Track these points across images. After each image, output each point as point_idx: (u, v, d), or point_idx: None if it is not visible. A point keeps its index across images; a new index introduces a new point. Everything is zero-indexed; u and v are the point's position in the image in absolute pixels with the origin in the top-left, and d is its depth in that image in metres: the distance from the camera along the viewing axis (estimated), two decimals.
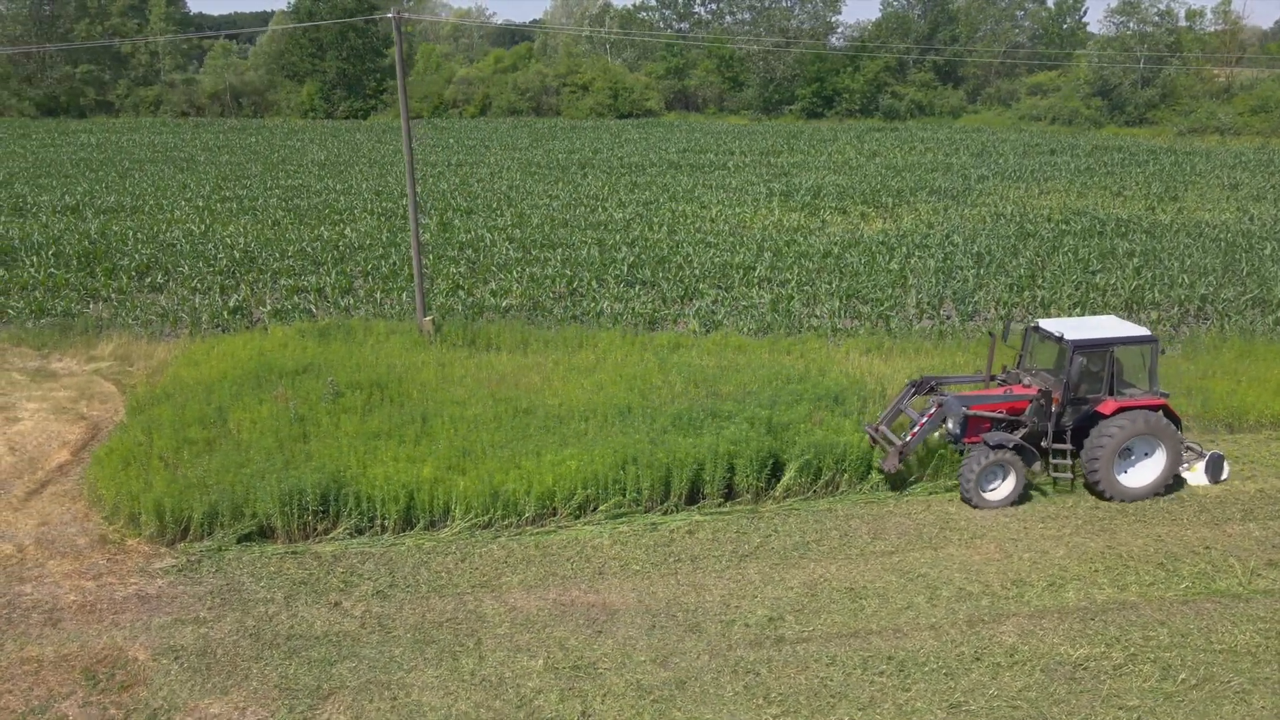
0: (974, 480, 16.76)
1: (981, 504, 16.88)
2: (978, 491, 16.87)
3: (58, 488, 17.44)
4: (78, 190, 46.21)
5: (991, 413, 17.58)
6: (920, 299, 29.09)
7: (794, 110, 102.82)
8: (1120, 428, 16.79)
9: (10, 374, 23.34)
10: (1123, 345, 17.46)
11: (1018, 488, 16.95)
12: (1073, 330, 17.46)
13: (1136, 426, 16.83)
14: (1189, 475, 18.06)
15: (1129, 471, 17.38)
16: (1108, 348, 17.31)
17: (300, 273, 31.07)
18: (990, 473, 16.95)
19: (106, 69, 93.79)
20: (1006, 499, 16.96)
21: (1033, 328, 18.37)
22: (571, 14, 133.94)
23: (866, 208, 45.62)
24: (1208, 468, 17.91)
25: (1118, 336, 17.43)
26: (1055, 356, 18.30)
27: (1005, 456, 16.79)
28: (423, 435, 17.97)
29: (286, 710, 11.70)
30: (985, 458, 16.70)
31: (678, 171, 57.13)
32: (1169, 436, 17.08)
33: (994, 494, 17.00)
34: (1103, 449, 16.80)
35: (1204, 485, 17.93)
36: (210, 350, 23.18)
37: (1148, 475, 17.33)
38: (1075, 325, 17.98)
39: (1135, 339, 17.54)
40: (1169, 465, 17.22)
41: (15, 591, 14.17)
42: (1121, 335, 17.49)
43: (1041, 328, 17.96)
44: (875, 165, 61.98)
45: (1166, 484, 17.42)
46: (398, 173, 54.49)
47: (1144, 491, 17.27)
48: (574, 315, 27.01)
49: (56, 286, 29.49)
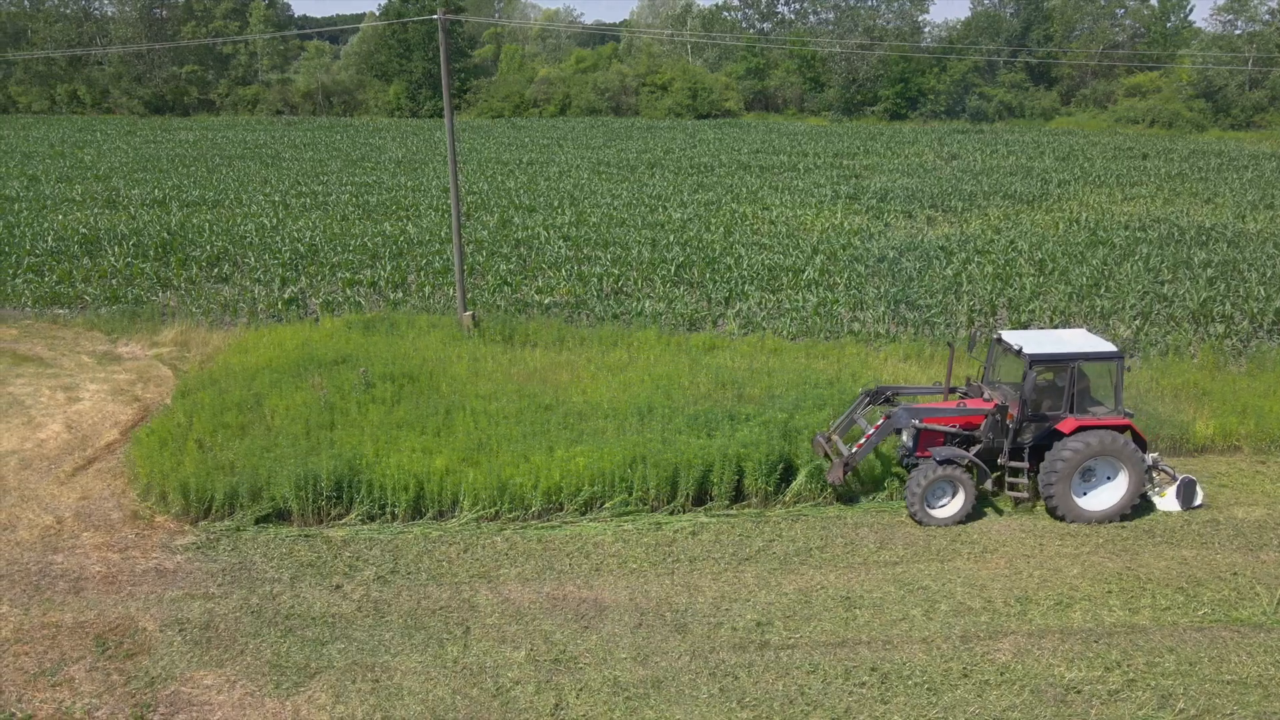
0: (919, 496, 16.16)
1: (927, 521, 16.26)
2: (923, 508, 16.25)
3: (103, 465, 18.47)
4: (167, 184, 48.63)
5: (944, 426, 16.96)
6: (971, 305, 28.33)
7: (876, 112, 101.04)
8: (1078, 448, 16.00)
9: (80, 356, 24.77)
10: (1085, 361, 16.61)
11: (966, 505, 16.27)
12: (1033, 343, 16.71)
13: (1095, 447, 16.01)
14: (1159, 500, 17.09)
15: (1090, 494, 16.56)
16: (1068, 363, 16.48)
17: (358, 266, 32.08)
18: (938, 489, 16.32)
19: (209, 69, 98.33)
20: (954, 517, 16.29)
21: (996, 339, 17.63)
22: (658, 14, 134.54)
23: (934, 211, 44.60)
24: (1179, 492, 16.94)
25: (1079, 351, 16.56)
26: (1017, 370, 17.52)
27: (953, 473, 16.13)
28: (443, 427, 18.40)
29: (273, 686, 12.19)
30: (932, 473, 16.10)
31: (746, 172, 56.82)
32: (1131, 459, 16.16)
33: (941, 511, 16.35)
34: (1059, 469, 16.05)
35: (1175, 510, 16.96)
36: (261, 339, 24.16)
37: (1109, 499, 16.48)
38: (1037, 338, 17.20)
39: (1099, 355, 16.64)
40: (1131, 489, 16.33)
41: (48, 560, 15.09)
42: (1083, 350, 16.62)
43: (1004, 339, 17.21)
44: (952, 168, 60.50)
45: (1129, 509, 16.50)
46: (469, 170, 55.65)
47: (1103, 515, 16.41)
48: (615, 314, 27.19)
49: (133, 275, 31.14)
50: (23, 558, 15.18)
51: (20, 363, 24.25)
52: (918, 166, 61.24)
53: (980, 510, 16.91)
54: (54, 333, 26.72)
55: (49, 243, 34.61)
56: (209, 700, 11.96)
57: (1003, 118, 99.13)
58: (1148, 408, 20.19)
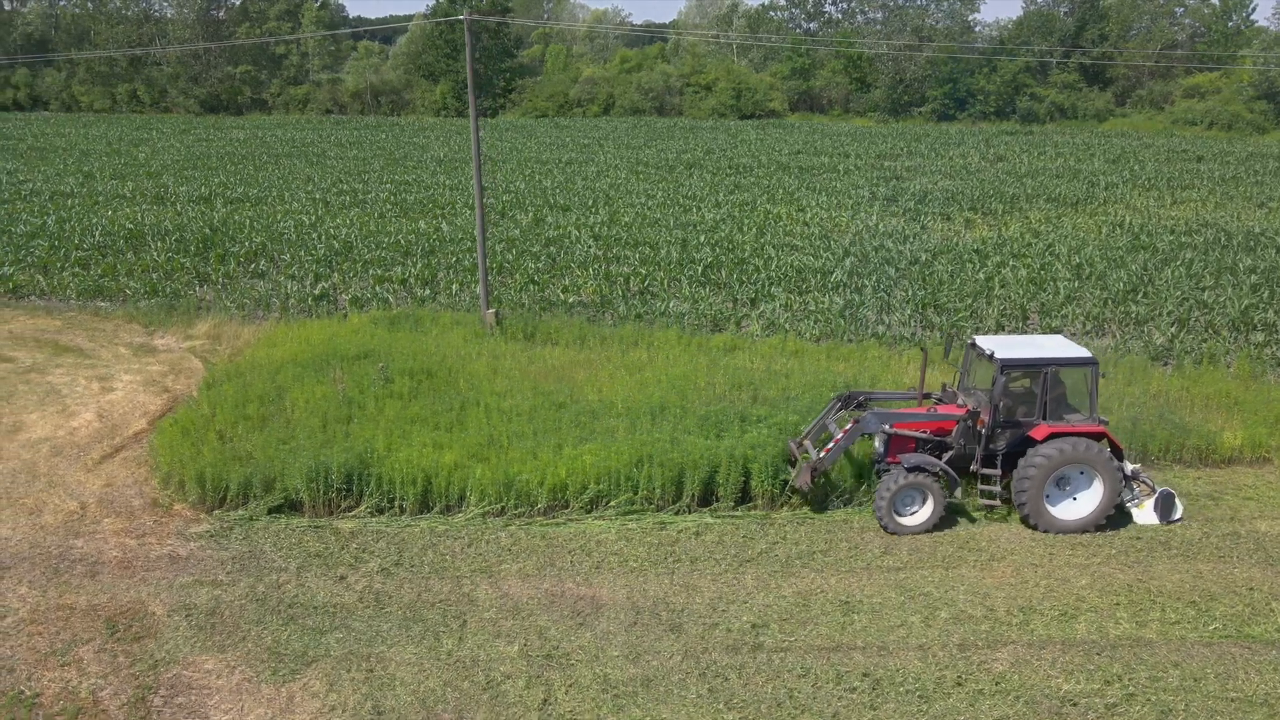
0: (887, 503, 15.89)
1: (896, 529, 15.99)
2: (891, 515, 15.97)
3: (129, 453, 19.03)
4: (214, 181, 49.84)
5: (915, 432, 16.69)
6: (1002, 310, 27.85)
7: (923, 112, 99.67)
8: (1050, 455, 15.68)
9: (117, 348, 25.53)
10: (1058, 366, 16.29)
11: (936, 513, 15.98)
12: (1005, 348, 16.43)
13: (1068, 455, 15.67)
14: (1137, 513, 16.62)
15: (1065, 503, 16.20)
16: (1041, 368, 16.17)
17: (389, 263, 32.57)
18: (907, 496, 16.04)
19: (263, 69, 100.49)
20: (923, 525, 16.00)
21: (970, 344, 17.32)
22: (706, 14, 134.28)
23: (973, 214, 43.93)
24: (1157, 505, 16.48)
25: (1052, 357, 16.27)
26: (990, 376, 17.11)
27: (922, 480, 15.84)
28: (456, 423, 18.63)
29: (270, 672, 12.47)
30: (900, 480, 15.84)
31: (785, 173, 56.49)
32: (1105, 467, 15.78)
33: (911, 519, 16.07)
34: (1031, 476, 15.72)
35: (1153, 524, 16.48)
36: (289, 333, 24.68)
37: (1084, 508, 16.10)
38: (1010, 343, 16.93)
39: (1071, 360, 16.31)
40: (1106, 498, 15.92)
41: (69, 544, 15.60)
42: (1056, 356, 16.32)
43: (977, 344, 16.91)
44: (997, 170, 59.51)
45: (1104, 519, 16.09)
46: (508, 169, 56.14)
47: (1077, 525, 16.04)
48: (638, 314, 27.25)
49: (173, 270, 31.98)
50: (45, 541, 15.71)
51: (61, 353, 25.07)
52: (961, 168, 60.33)
53: (971, 518, 16.64)
54: (95, 324, 27.57)
55: (96, 237, 35.71)
56: (208, 684, 12.27)
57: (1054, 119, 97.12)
58: (1173, 417, 19.69)
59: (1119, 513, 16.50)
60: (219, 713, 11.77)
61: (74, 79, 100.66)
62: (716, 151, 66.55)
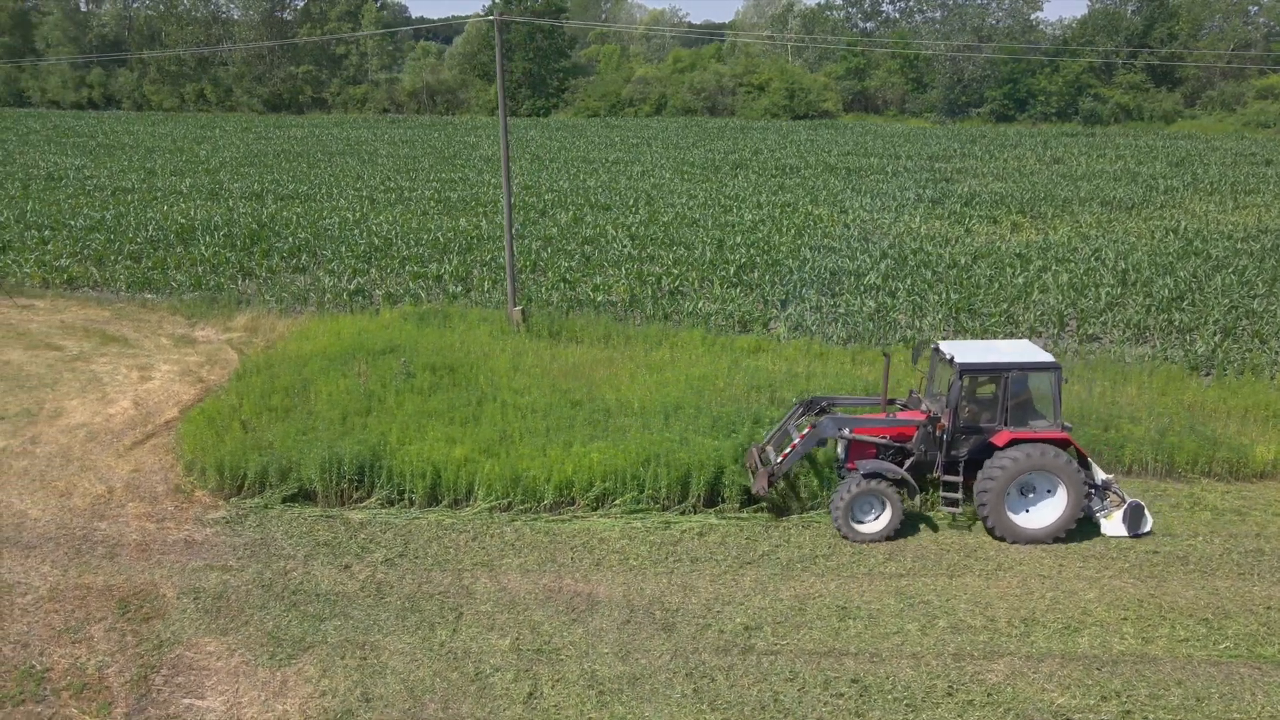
0: (843, 510, 15.62)
1: (853, 536, 15.71)
2: (848, 522, 15.71)
3: (159, 440, 19.67)
4: (267, 179, 51.16)
5: (874, 437, 16.38)
6: (1038, 315, 27.23)
7: (981, 113, 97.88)
8: (1010, 461, 15.31)
9: (160, 338, 26.39)
10: (1018, 371, 15.87)
11: (894, 521, 15.67)
12: (965, 352, 16.10)
13: (1030, 461, 15.30)
14: (1106, 524, 16.14)
15: (1030, 510, 15.82)
16: (1001, 373, 15.78)
17: (426, 260, 33.08)
18: (864, 503, 15.76)
19: (323, 69, 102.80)
20: (881, 533, 15.71)
21: (933, 348, 16.97)
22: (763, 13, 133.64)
23: (1021, 217, 43.03)
24: (1126, 516, 15.96)
25: (1012, 361, 15.86)
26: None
27: (878, 487, 15.55)
28: (471, 418, 18.87)
29: (268, 656, 12.80)
30: (856, 486, 15.57)
31: (832, 175, 55.97)
32: (1069, 475, 15.36)
33: (868, 526, 15.79)
34: (992, 483, 15.36)
35: (1121, 535, 16.04)
36: (321, 327, 25.23)
37: (1047, 516, 15.69)
38: (972, 348, 16.56)
39: (1033, 365, 15.89)
40: (1071, 506, 15.50)
41: (93, 526, 16.20)
42: (1017, 360, 15.91)
43: (939, 348, 16.59)
44: (1051, 172, 58.18)
45: (1069, 527, 15.68)
46: (554, 168, 56.56)
47: (1041, 534, 15.64)
48: (666, 314, 27.27)
49: (219, 264, 32.93)
50: (72, 523, 16.33)
51: (107, 342, 26.01)
52: (1015, 170, 59.15)
53: (934, 526, 16.35)
54: (141, 315, 28.53)
55: (149, 232, 36.94)
56: (208, 666, 12.65)
57: (1119, 120, 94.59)
58: (1204, 429, 19.07)
59: (1088, 523, 16.22)
60: (214, 694, 12.13)
61: (145, 79, 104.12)
62: (765, 152, 66.19)
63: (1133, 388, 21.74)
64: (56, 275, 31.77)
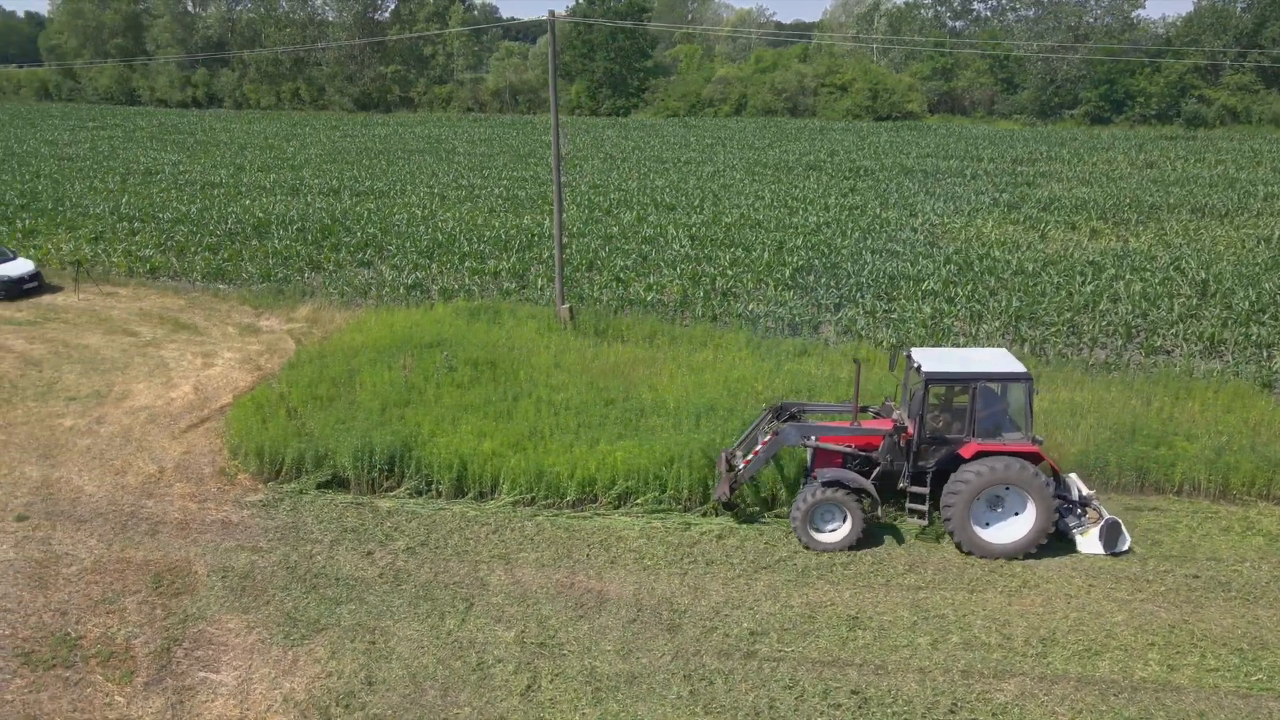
0: (801, 518, 15.35)
1: (813, 545, 15.42)
2: (806, 530, 15.44)
3: (212, 424, 20.53)
4: (346, 175, 52.75)
5: (839, 446, 15.99)
6: (1104, 326, 26.17)
7: (1075, 115, 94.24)
8: (975, 475, 14.80)
9: (227, 327, 27.52)
10: (987, 381, 15.34)
11: (855, 532, 15.32)
12: (934, 361, 15.62)
13: (996, 475, 14.77)
14: (1081, 540, 15.50)
15: (998, 525, 15.25)
16: (970, 383, 15.24)
17: (486, 256, 33.66)
18: (825, 512, 15.44)
19: (411, 69, 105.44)
20: (842, 543, 15.36)
21: (906, 355, 16.45)
22: (850, 12, 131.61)
23: (1101, 223, 41.35)
24: (1102, 534, 15.26)
25: (980, 371, 15.33)
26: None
27: (837, 496, 15.19)
28: (505, 413, 19.16)
29: (283, 636, 13.27)
30: (814, 495, 15.24)
31: (907, 177, 54.76)
32: (1037, 490, 14.78)
33: (829, 536, 15.48)
34: (957, 497, 14.86)
35: (1098, 553, 15.35)
36: (376, 320, 25.93)
37: (1016, 531, 15.11)
38: (942, 356, 16.07)
39: (1002, 375, 15.36)
40: (1040, 522, 14.92)
41: (140, 504, 17.03)
42: (986, 370, 15.37)
43: (911, 356, 16.07)
44: (1142, 177, 55.74)
45: (1039, 544, 15.07)
46: (625, 168, 56.81)
47: (1008, 550, 15.07)
48: (715, 315, 27.15)
49: (290, 256, 34.13)
50: (122, 500, 17.20)
51: (178, 330, 27.26)
52: (1103, 175, 56.84)
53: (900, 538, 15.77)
54: (213, 304, 29.80)
55: (228, 225, 38.52)
56: (226, 641, 13.19)
57: (1225, 123, 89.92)
58: (1266, 449, 18.01)
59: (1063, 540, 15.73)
60: (229, 668, 12.64)
61: (245, 79, 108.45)
62: (840, 154, 65.15)
63: (1195, 404, 20.70)
64: (141, 265, 33.40)
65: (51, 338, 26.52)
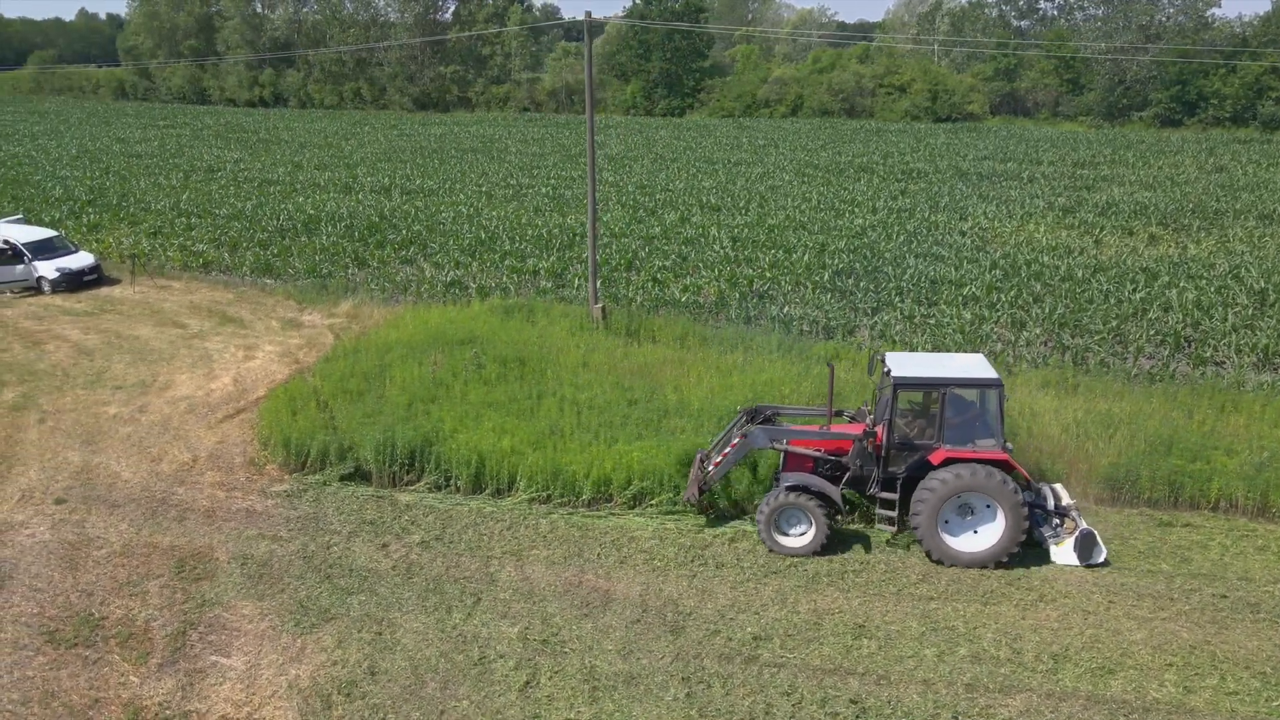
0: (765, 521, 15.24)
1: (777, 549, 15.32)
2: (770, 534, 15.35)
3: (247, 416, 21.08)
4: (398, 173, 53.68)
5: (809, 450, 15.79)
6: (1151, 335, 25.36)
7: (1144, 117, 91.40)
8: (941, 482, 14.53)
9: (270, 321, 28.23)
10: (956, 386, 15.01)
11: (820, 537, 15.15)
12: (905, 366, 15.37)
13: (962, 482, 14.48)
14: (1055, 551, 15.10)
15: (967, 533, 14.92)
16: (939, 388, 14.89)
17: (526, 255, 33.95)
18: (790, 515, 15.30)
19: (469, 69, 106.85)
20: (807, 548, 15.21)
21: (879, 359, 16.14)
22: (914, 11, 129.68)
23: (1161, 229, 40.04)
24: (1076, 545, 14.82)
25: (950, 377, 15.00)
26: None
27: (800, 500, 15.05)
28: (528, 411, 19.32)
29: (293, 623, 13.57)
30: (777, 498, 15.12)
31: (961, 180, 53.73)
32: (1005, 497, 14.45)
33: (793, 540, 15.37)
34: (923, 504, 14.61)
35: (1073, 564, 14.93)
36: (412, 316, 26.35)
37: (985, 540, 14.79)
38: (913, 361, 15.81)
39: (972, 381, 15.04)
40: (1009, 531, 14.60)
41: (171, 491, 17.58)
42: (955, 376, 15.04)
43: (884, 360, 15.81)
44: (1210, 182, 53.82)
45: (1009, 553, 14.73)
46: (675, 168, 56.78)
47: (977, 559, 14.77)
48: (749, 317, 27.00)
49: (336, 253, 34.86)
50: (155, 486, 17.77)
51: (225, 323, 28.04)
52: (1168, 178, 55.04)
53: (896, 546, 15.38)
54: (259, 299, 30.59)
55: (280, 221, 39.49)
56: (240, 627, 13.53)
57: None
58: None
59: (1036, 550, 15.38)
60: (239, 653, 12.97)
61: (310, 79, 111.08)
62: (895, 156, 64.21)
63: (1242, 417, 19.92)
64: (194, 259, 34.46)
65: (105, 328, 27.51)
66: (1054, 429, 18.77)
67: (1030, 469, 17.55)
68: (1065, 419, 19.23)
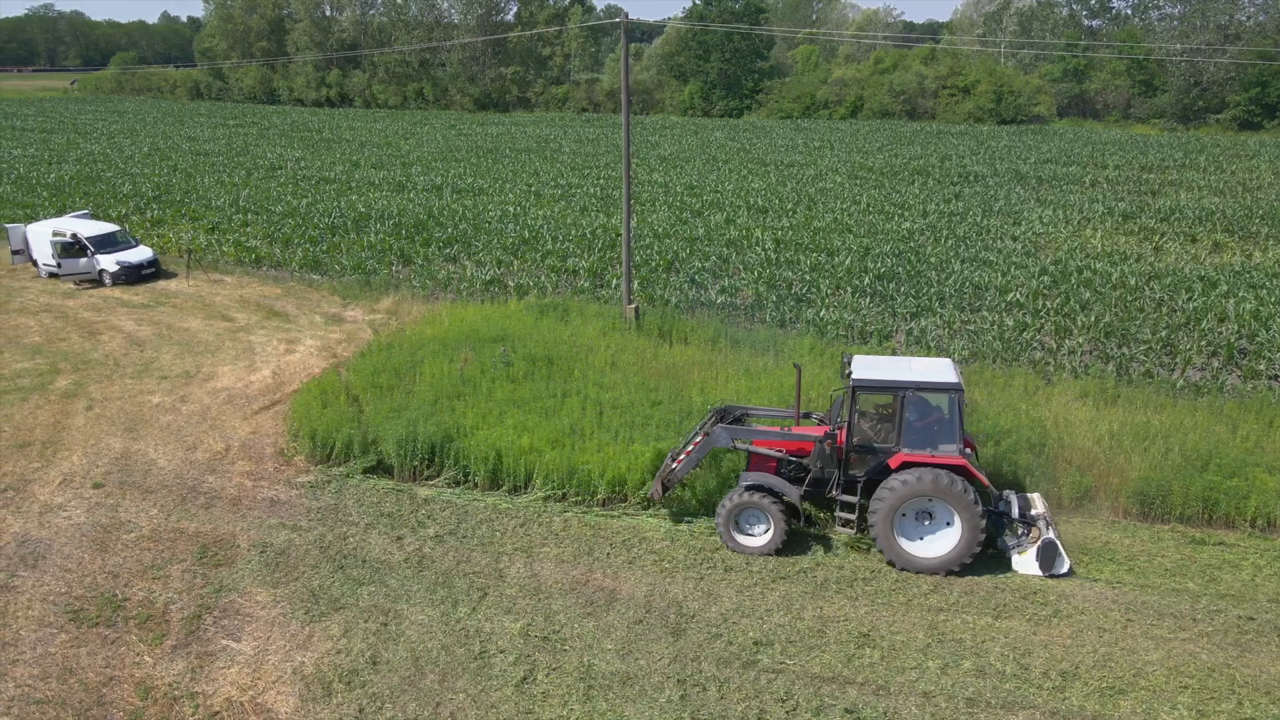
0: (724, 520, 15.24)
1: (735, 548, 15.31)
2: (729, 532, 15.34)
3: (281, 408, 21.62)
4: (451, 172, 54.45)
5: (771, 450, 15.67)
6: (1202, 346, 24.45)
7: (1221, 120, 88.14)
8: (898, 485, 14.36)
9: (314, 316, 28.91)
10: (916, 390, 14.68)
11: (777, 537, 15.09)
12: (866, 369, 15.18)
13: (917, 486, 14.28)
14: (1018, 560, 14.76)
15: (925, 538, 14.69)
16: (898, 391, 14.65)
17: (568, 254, 34.16)
18: (751, 515, 15.28)
19: (529, 70, 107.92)
20: (765, 548, 15.16)
21: (846, 361, 15.87)
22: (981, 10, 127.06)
23: (1226, 236, 38.57)
24: (1038, 554, 14.43)
25: (908, 380, 14.68)
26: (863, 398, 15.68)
27: (758, 500, 15.01)
28: (551, 410, 19.44)
29: (303, 612, 13.89)
30: (736, 498, 15.12)
31: (1020, 183, 52.48)
32: (961, 503, 14.17)
33: (752, 540, 15.34)
34: (880, 506, 14.47)
35: (1035, 574, 14.58)
36: (450, 313, 26.73)
37: (942, 546, 14.56)
38: (875, 364, 15.56)
39: (931, 385, 14.72)
40: (966, 536, 14.35)
41: (202, 479, 18.13)
42: (914, 380, 14.73)
43: (850, 363, 15.64)
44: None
45: (966, 558, 14.46)
46: (726, 170, 56.55)
47: (934, 564, 14.55)
48: (784, 320, 26.76)
49: (383, 250, 35.53)
50: (188, 474, 18.35)
51: (270, 317, 28.80)
52: (1240, 184, 52.98)
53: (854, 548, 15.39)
54: (305, 294, 31.34)
55: (331, 218, 40.39)
56: (253, 614, 13.90)
57: None
58: None
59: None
60: (249, 639, 13.32)
61: (375, 79, 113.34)
62: (953, 158, 63.00)
63: None
64: (247, 254, 35.44)
65: (158, 320, 28.48)
66: (1086, 440, 18.27)
67: (1053, 481, 17.13)
68: (1099, 430, 18.69)
